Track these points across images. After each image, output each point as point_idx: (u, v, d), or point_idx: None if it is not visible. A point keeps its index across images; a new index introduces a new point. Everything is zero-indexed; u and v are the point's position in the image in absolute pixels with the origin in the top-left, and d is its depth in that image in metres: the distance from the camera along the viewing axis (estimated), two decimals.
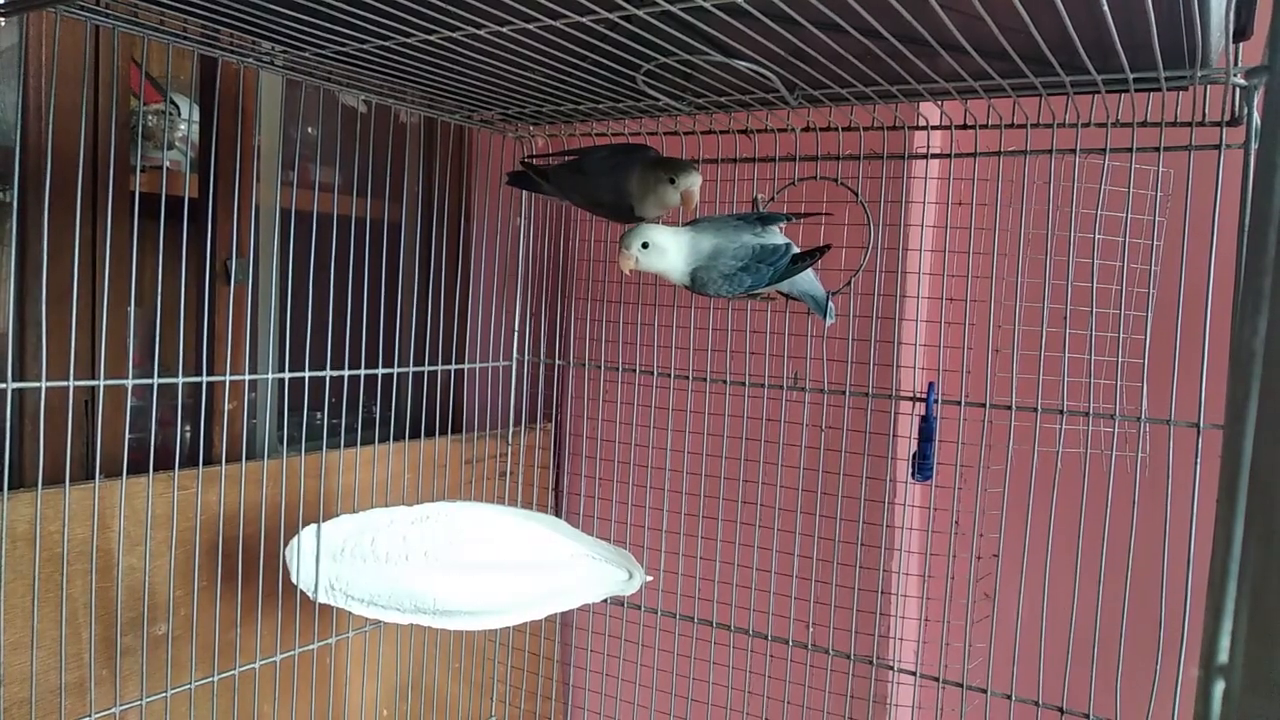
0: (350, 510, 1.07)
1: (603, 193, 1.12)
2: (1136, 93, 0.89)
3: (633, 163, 1.09)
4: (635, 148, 1.13)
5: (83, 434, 1.03)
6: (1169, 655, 0.90)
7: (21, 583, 0.88)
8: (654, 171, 1.06)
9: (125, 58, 1.08)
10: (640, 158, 1.09)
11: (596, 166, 1.12)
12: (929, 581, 1.14)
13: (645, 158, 1.09)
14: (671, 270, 1.06)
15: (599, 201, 1.14)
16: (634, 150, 1.12)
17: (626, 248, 1.04)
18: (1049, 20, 0.67)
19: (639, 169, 1.07)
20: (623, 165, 1.09)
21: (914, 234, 1.13)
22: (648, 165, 1.08)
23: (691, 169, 1.05)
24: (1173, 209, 0.93)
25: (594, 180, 1.12)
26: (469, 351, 1.44)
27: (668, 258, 1.04)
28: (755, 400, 1.22)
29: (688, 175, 1.04)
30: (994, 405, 1.02)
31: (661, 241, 1.04)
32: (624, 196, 1.09)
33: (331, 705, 1.19)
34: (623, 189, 1.09)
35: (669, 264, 1.05)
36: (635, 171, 1.07)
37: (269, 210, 1.23)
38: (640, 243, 1.03)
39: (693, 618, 1.27)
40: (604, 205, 1.14)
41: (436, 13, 0.73)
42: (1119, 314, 0.94)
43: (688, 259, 1.05)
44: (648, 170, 1.07)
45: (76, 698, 0.93)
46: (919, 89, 0.92)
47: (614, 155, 1.12)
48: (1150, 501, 0.92)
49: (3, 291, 1.04)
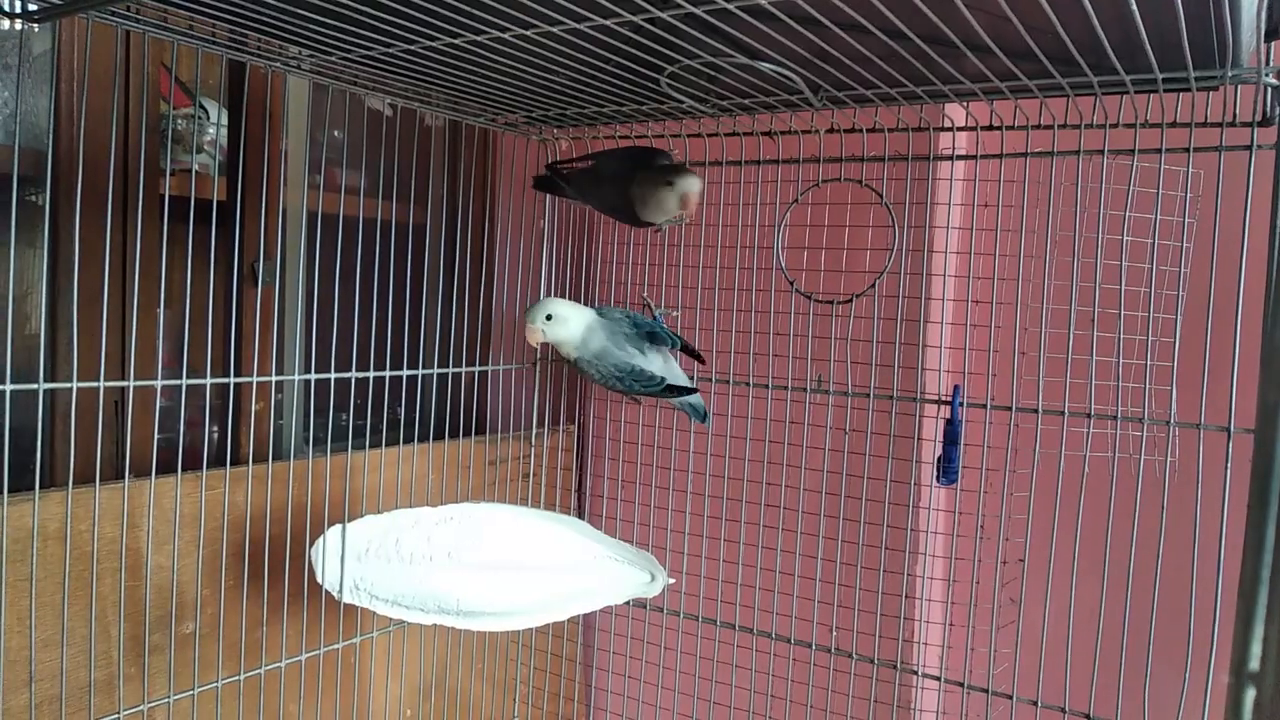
0: (375, 511, 1.08)
1: (614, 196, 1.13)
2: (1166, 93, 0.88)
3: (639, 168, 1.09)
4: (646, 152, 1.13)
5: (112, 434, 1.04)
6: (1198, 662, 0.88)
7: (52, 581, 0.89)
8: (654, 176, 1.07)
9: (155, 63, 1.09)
10: (646, 162, 1.10)
11: (609, 171, 1.13)
12: (953, 586, 1.13)
13: (650, 163, 1.10)
14: (565, 346, 1.15)
15: (610, 205, 1.15)
16: (643, 154, 1.13)
17: (531, 320, 1.13)
18: (1076, 20, 0.66)
19: (643, 176, 1.08)
20: (630, 170, 1.10)
21: (939, 236, 1.13)
22: (650, 171, 1.08)
23: (690, 174, 1.06)
24: (1203, 210, 0.92)
25: (607, 184, 1.13)
26: (492, 353, 1.45)
27: (569, 330, 1.13)
28: (778, 403, 1.21)
29: (685, 180, 1.06)
30: (1020, 408, 1.01)
31: (565, 314, 1.13)
32: (629, 200, 1.09)
33: (356, 704, 1.20)
34: (628, 192, 1.09)
35: (567, 339, 1.14)
36: (640, 178, 1.08)
37: (296, 213, 1.24)
38: (545, 314, 1.12)
39: (715, 620, 1.27)
40: (614, 209, 1.15)
41: (461, 17, 0.74)
42: (1147, 316, 0.93)
43: (578, 346, 1.14)
44: (649, 176, 1.07)
45: (105, 695, 0.94)
46: (944, 90, 0.91)
47: (624, 160, 1.13)
48: (1179, 507, 0.91)
49: (35, 293, 1.06)
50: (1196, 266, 0.93)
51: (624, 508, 1.39)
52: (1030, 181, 1.01)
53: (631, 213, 1.11)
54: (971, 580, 1.08)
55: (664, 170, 1.08)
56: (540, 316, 1.12)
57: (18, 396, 0.79)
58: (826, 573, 1.19)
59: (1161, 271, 0.93)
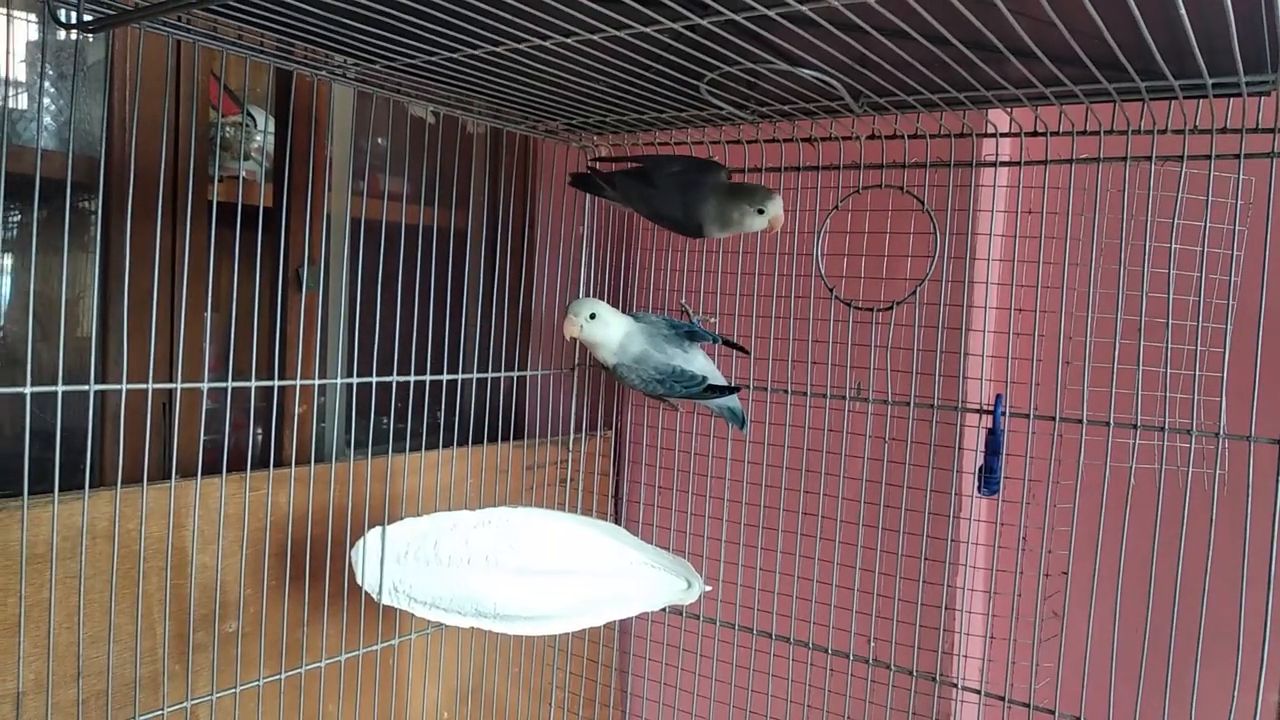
0: (414, 513, 1.09)
1: (671, 208, 1.13)
2: (1215, 98, 0.87)
3: (706, 183, 1.10)
4: (706, 165, 1.13)
5: (160, 435, 1.06)
6: (1247, 679, 0.86)
7: (100, 579, 0.91)
8: (737, 201, 1.08)
9: (205, 71, 1.12)
10: (714, 180, 1.10)
11: (666, 181, 1.13)
12: (995, 598, 1.12)
13: (719, 181, 1.10)
14: (603, 350, 1.15)
15: (664, 215, 1.15)
16: (705, 168, 1.12)
17: (575, 314, 1.13)
18: (1124, 25, 0.65)
19: (718, 196, 1.09)
20: (696, 185, 1.10)
21: (981, 243, 1.11)
22: (728, 192, 1.08)
23: (775, 197, 1.07)
24: (1254, 217, 0.90)
25: (662, 194, 1.13)
26: (532, 358, 1.46)
27: (608, 333, 1.14)
28: (817, 411, 1.21)
29: (773, 203, 1.07)
30: (1064, 418, 1.00)
31: (606, 317, 1.14)
32: (695, 215, 1.10)
33: (394, 706, 1.21)
34: (695, 208, 1.10)
35: (605, 342, 1.14)
36: (712, 196, 1.08)
37: (340, 219, 1.26)
38: (589, 312, 1.13)
39: (752, 629, 1.26)
40: (669, 219, 1.15)
41: (502, 25, 0.75)
42: (1196, 326, 0.91)
43: (616, 352, 1.14)
44: (729, 198, 1.08)
45: (150, 692, 0.96)
46: (988, 96, 0.90)
47: (686, 172, 1.12)
48: (1228, 520, 0.89)
49: (87, 297, 1.08)
50: (1247, 275, 0.91)
51: (661, 514, 1.38)
52: (1075, 188, 1.00)
53: (695, 226, 1.11)
54: (1013, 592, 1.06)
55: (746, 193, 1.08)
56: (584, 313, 1.13)
57: (69, 397, 0.80)
58: (865, 583, 1.17)
59: (1211, 280, 0.91)
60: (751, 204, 1.07)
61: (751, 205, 1.07)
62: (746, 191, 1.09)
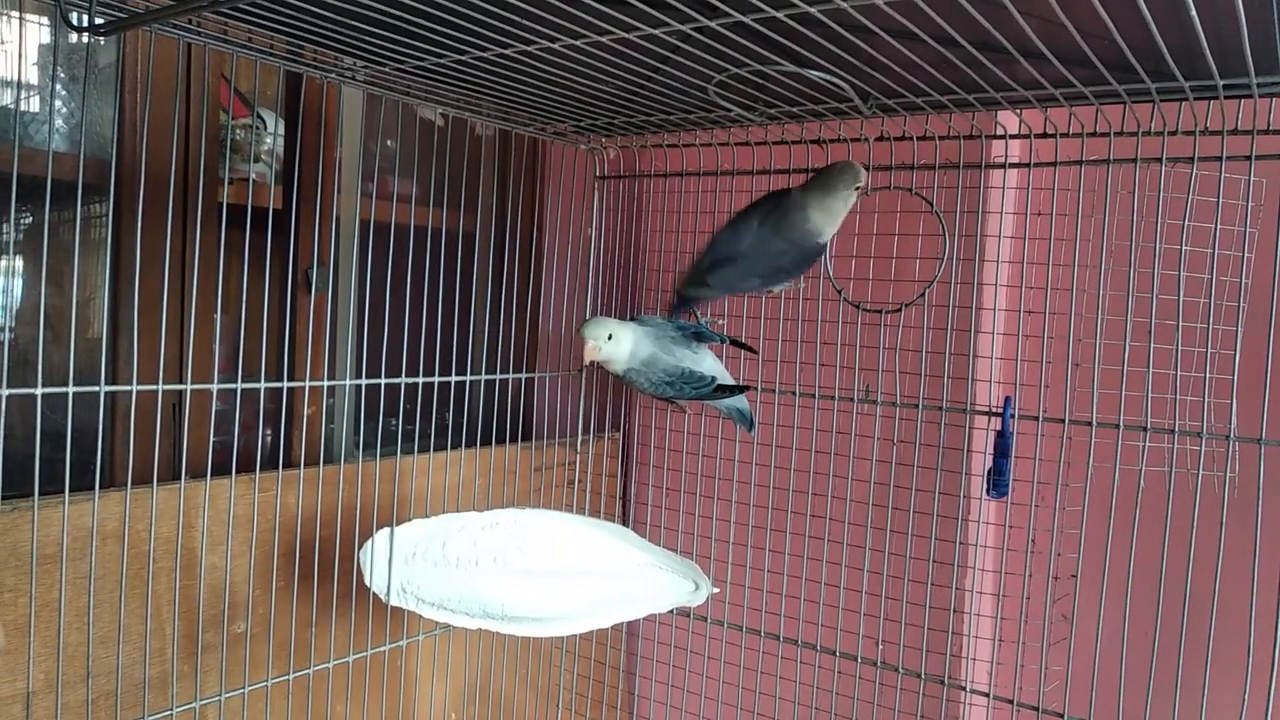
0: (422, 515, 1.09)
1: (781, 257, 1.12)
2: (1226, 99, 0.86)
3: (787, 207, 1.08)
4: (768, 198, 1.12)
5: (170, 436, 1.07)
6: (1258, 683, 0.86)
7: (110, 579, 0.91)
8: (831, 198, 1.06)
9: (215, 74, 1.12)
10: (791, 199, 1.08)
11: (756, 240, 1.11)
12: (1004, 601, 1.11)
13: (794, 197, 1.08)
14: (616, 362, 1.14)
15: (781, 268, 1.14)
16: (771, 200, 1.11)
17: (595, 340, 1.12)
18: (1134, 26, 0.65)
19: (810, 206, 1.07)
20: (784, 217, 1.09)
21: (990, 245, 1.11)
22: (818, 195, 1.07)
23: (851, 167, 1.05)
24: (1265, 219, 0.89)
25: (763, 253, 1.12)
26: (539, 360, 1.46)
27: (622, 348, 1.13)
28: (825, 413, 1.21)
29: (853, 173, 1.05)
30: (1074, 421, 0.99)
31: (620, 333, 1.13)
32: (808, 240, 1.09)
33: (401, 707, 1.21)
34: (802, 234, 1.08)
35: (618, 357, 1.14)
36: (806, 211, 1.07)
37: (349, 221, 1.27)
38: (606, 333, 1.12)
39: (759, 631, 1.26)
40: (788, 268, 1.14)
41: (511, 27, 0.75)
42: (1207, 328, 0.91)
43: (626, 360, 1.14)
44: (823, 198, 1.06)
45: (159, 692, 0.96)
46: (997, 97, 0.90)
47: (765, 219, 1.11)
48: (1238, 523, 0.89)
49: (97, 299, 1.09)
50: (1258, 277, 0.91)
51: (669, 515, 1.38)
52: (1085, 190, 0.99)
53: (814, 247, 1.10)
54: (1022, 595, 1.06)
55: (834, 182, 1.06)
56: (602, 335, 1.12)
57: (80, 399, 0.81)
58: (873, 585, 1.17)
59: (1221, 282, 0.91)
60: (845, 187, 1.05)
61: (846, 188, 1.05)
62: (830, 182, 1.06)
